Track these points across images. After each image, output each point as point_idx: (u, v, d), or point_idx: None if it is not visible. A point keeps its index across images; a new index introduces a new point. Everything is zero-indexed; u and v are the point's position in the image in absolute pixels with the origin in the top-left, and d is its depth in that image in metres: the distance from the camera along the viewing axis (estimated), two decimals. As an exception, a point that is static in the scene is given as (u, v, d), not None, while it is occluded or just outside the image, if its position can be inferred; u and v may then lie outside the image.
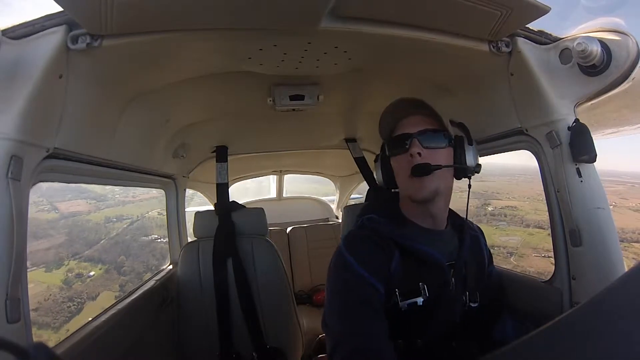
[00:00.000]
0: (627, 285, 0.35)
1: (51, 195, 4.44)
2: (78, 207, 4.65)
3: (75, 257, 3.99)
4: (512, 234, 6.43)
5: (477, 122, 1.24)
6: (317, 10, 0.77)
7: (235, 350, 1.59)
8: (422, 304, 0.84)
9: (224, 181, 1.85)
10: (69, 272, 4.02)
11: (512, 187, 6.66)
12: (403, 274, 0.85)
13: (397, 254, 0.86)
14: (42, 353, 0.34)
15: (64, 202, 4.58)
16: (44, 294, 3.89)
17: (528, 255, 6.13)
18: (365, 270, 0.81)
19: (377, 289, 0.81)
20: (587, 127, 0.92)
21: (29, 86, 0.70)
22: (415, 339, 0.85)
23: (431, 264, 0.88)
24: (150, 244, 4.21)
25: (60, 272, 3.80)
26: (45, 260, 3.79)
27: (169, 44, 0.86)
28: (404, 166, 0.88)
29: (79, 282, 4.34)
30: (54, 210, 4.48)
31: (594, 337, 0.33)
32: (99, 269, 4.51)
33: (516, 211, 6.62)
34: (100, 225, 4.66)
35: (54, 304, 4.14)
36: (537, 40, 0.98)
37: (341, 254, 0.85)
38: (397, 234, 0.88)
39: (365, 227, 0.93)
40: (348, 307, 0.80)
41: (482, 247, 1.04)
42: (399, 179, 0.92)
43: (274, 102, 1.35)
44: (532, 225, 6.42)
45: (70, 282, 4.28)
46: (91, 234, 4.55)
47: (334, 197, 3.67)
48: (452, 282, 0.89)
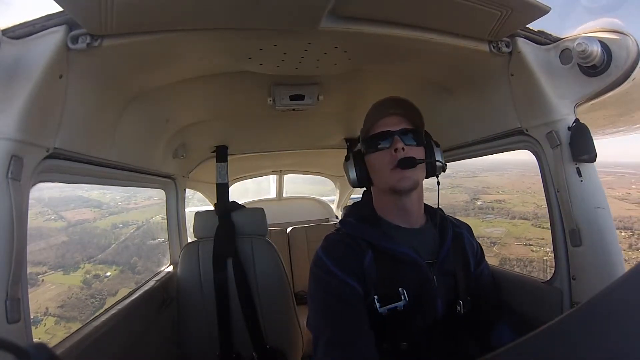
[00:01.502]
0: (627, 286, 0.35)
1: (55, 205, 4.69)
2: (84, 215, 4.95)
3: (90, 260, 4.33)
4: (498, 226, 6.75)
5: (477, 122, 1.24)
6: (317, 10, 0.77)
7: (235, 350, 1.59)
8: (403, 308, 0.86)
9: (224, 181, 1.85)
10: (87, 274, 4.35)
11: (504, 181, 6.83)
12: (378, 273, 0.88)
13: (370, 253, 0.89)
14: (42, 353, 0.34)
15: (69, 211, 4.84)
16: (67, 293, 4.11)
17: (510, 244, 6.48)
18: (341, 271, 0.86)
19: (353, 287, 0.85)
20: (587, 127, 0.92)
21: (29, 86, 0.70)
22: (399, 342, 0.87)
23: (407, 263, 0.89)
24: (159, 246, 4.42)
25: (78, 274, 4.11)
26: (61, 264, 4.06)
27: (169, 44, 0.86)
28: (385, 161, 0.91)
29: (97, 281, 4.70)
30: (60, 219, 4.74)
31: (594, 337, 0.33)
32: (113, 269, 4.86)
33: (504, 204, 6.94)
34: (108, 231, 4.97)
35: (78, 301, 4.49)
36: (537, 40, 0.98)
37: (319, 257, 0.91)
38: (368, 233, 0.92)
39: (340, 230, 0.98)
40: (326, 305, 0.86)
41: (466, 244, 1.03)
42: (379, 174, 0.95)
43: (274, 102, 1.35)
44: (518, 217, 6.72)
45: (90, 282, 4.62)
46: (101, 240, 4.84)
47: (334, 197, 3.68)
48: (434, 280, 0.90)
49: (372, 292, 0.87)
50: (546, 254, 5.87)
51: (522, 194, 6.87)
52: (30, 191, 0.76)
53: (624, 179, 6.57)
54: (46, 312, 4.12)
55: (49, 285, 3.98)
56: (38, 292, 3.84)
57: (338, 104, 1.57)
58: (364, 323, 0.83)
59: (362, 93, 1.49)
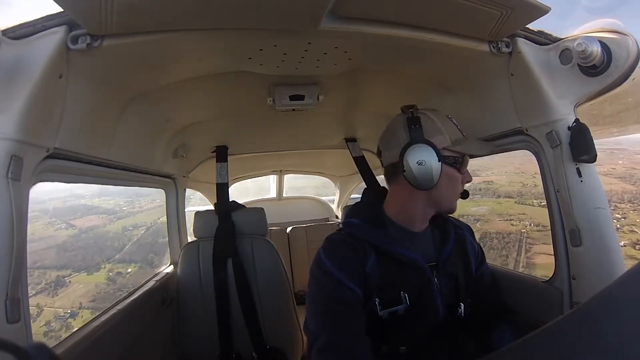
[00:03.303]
0: (627, 285, 0.35)
1: (62, 215, 5.06)
2: (92, 222, 5.38)
3: (109, 260, 4.79)
4: (483, 204, 7.08)
5: (477, 122, 1.23)
6: (317, 10, 0.77)
7: (235, 350, 1.59)
8: (404, 312, 0.85)
9: (224, 181, 1.85)
10: (109, 272, 4.77)
11: (494, 163, 7.04)
12: (381, 277, 0.86)
13: (373, 256, 0.87)
14: (42, 353, 0.34)
15: (77, 219, 5.26)
16: (95, 290, 4.59)
17: (493, 220, 6.90)
18: (342, 273, 0.84)
19: (353, 290, 0.83)
20: (587, 126, 0.92)
21: (29, 86, 0.70)
22: (398, 346, 0.86)
23: (410, 266, 0.88)
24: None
25: (101, 273, 4.51)
26: (83, 266, 4.45)
27: (169, 44, 0.86)
28: (457, 181, 0.91)
29: (121, 277, 5.29)
30: (70, 227, 5.17)
31: (594, 337, 0.33)
32: (133, 266, 5.42)
33: (491, 185, 7.26)
34: (120, 234, 5.40)
35: (107, 294, 5.10)
36: (537, 40, 0.98)
37: (320, 258, 0.89)
38: (373, 236, 0.90)
39: (342, 230, 0.96)
40: (324, 307, 0.84)
41: (467, 245, 1.02)
42: (448, 191, 0.91)
43: (274, 102, 1.35)
44: (503, 196, 6.94)
45: (114, 279, 5.17)
46: (115, 242, 5.26)
47: (333, 197, 3.68)
48: (436, 282, 0.89)
49: (373, 296, 0.85)
50: (524, 227, 6.08)
51: (510, 174, 7.09)
52: (30, 191, 0.76)
53: (613, 155, 6.65)
54: (80, 306, 4.67)
55: (76, 285, 4.33)
56: (69, 291, 4.20)
57: (338, 104, 1.57)
58: (362, 328, 0.82)
59: (362, 93, 1.49)
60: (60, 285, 4.22)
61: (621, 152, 7.17)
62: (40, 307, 3.96)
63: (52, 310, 3.88)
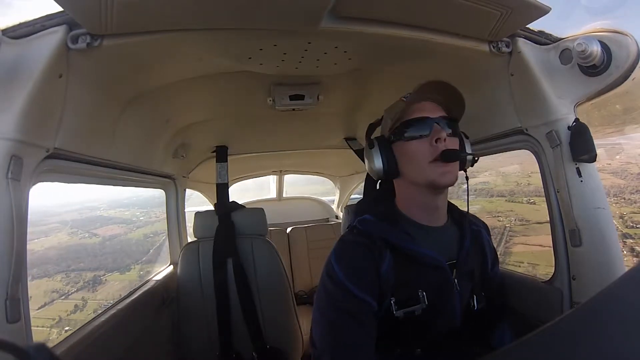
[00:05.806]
0: (627, 285, 0.35)
1: (82, 225, 5.34)
2: (114, 231, 5.68)
3: (138, 262, 4.84)
4: (476, 204, 7.09)
5: (477, 122, 1.23)
6: (318, 10, 0.77)
7: (235, 350, 1.58)
8: (421, 312, 0.80)
9: (224, 181, 1.85)
10: (140, 271, 4.93)
11: (495, 163, 7.13)
12: (397, 277, 0.81)
13: (389, 255, 0.81)
14: (42, 353, 0.34)
15: (98, 229, 5.52)
16: (130, 285, 4.88)
17: (481, 217, 6.72)
18: (354, 284, 0.77)
19: (363, 300, 0.77)
20: (587, 126, 0.92)
21: (29, 86, 0.70)
22: (413, 348, 0.83)
23: (429, 265, 0.83)
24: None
25: (132, 273, 4.64)
26: (115, 267, 4.67)
27: (169, 44, 0.85)
28: (424, 151, 0.81)
29: (150, 275, 5.24)
30: (94, 236, 5.46)
31: (594, 337, 0.33)
32: (159, 266, 5.42)
33: (486, 185, 7.38)
34: (143, 240, 5.60)
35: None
36: (538, 40, 0.98)
37: (331, 265, 0.82)
38: (389, 234, 0.83)
39: (356, 229, 0.88)
40: (330, 320, 0.78)
41: (484, 242, 0.98)
42: (414, 166, 0.84)
43: (274, 102, 1.35)
44: (495, 195, 7.06)
45: (144, 277, 5.12)
46: (140, 247, 5.43)
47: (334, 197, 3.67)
48: (456, 283, 0.84)
49: (388, 296, 0.80)
50: (510, 222, 6.21)
51: (507, 175, 7.19)
52: (30, 191, 0.76)
53: (613, 151, 6.73)
54: (120, 296, 4.73)
55: (113, 282, 4.52)
56: (107, 287, 4.39)
57: (338, 104, 1.57)
58: (368, 342, 0.77)
59: (362, 93, 1.49)
60: (98, 283, 4.46)
61: (621, 147, 7.19)
62: (85, 299, 4.20)
63: (95, 301, 4.13)
